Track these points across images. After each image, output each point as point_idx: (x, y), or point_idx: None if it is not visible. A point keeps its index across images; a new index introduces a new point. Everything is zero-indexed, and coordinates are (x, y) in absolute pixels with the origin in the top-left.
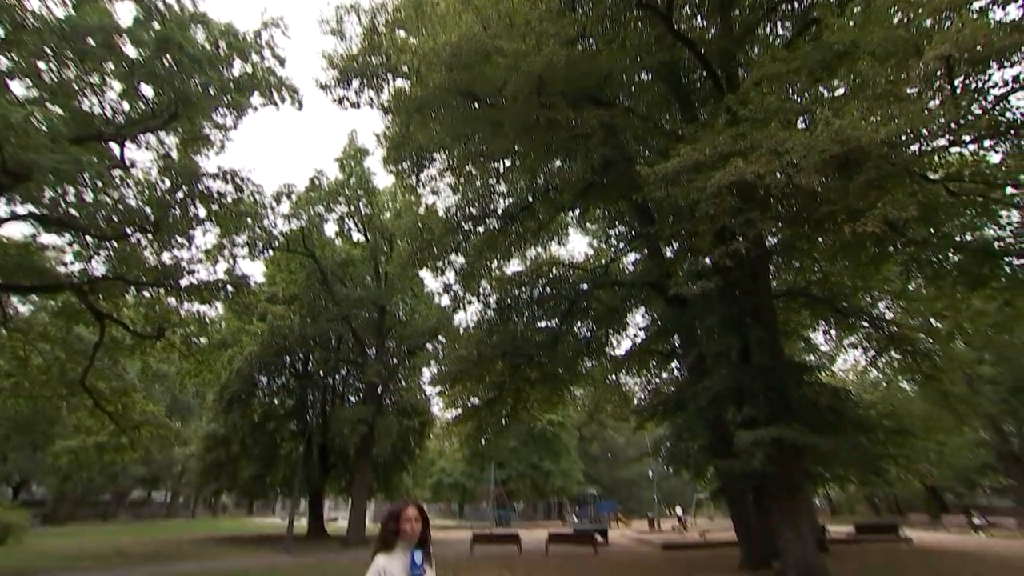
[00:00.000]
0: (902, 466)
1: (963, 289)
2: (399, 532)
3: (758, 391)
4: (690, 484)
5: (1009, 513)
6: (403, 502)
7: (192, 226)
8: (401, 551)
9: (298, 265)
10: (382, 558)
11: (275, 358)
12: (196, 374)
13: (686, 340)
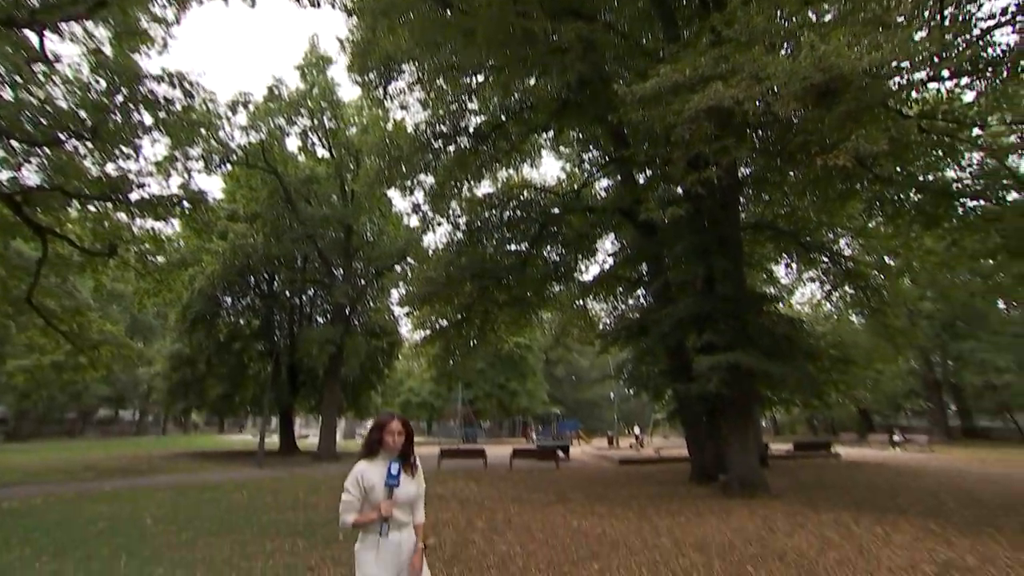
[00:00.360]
0: (842, 391)
1: (918, 228)
2: (382, 442)
3: (719, 319)
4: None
5: (923, 431)
6: (388, 415)
7: (137, 135)
8: (382, 461)
9: (260, 181)
10: (363, 464)
11: (239, 278)
12: (155, 294)
13: (653, 267)
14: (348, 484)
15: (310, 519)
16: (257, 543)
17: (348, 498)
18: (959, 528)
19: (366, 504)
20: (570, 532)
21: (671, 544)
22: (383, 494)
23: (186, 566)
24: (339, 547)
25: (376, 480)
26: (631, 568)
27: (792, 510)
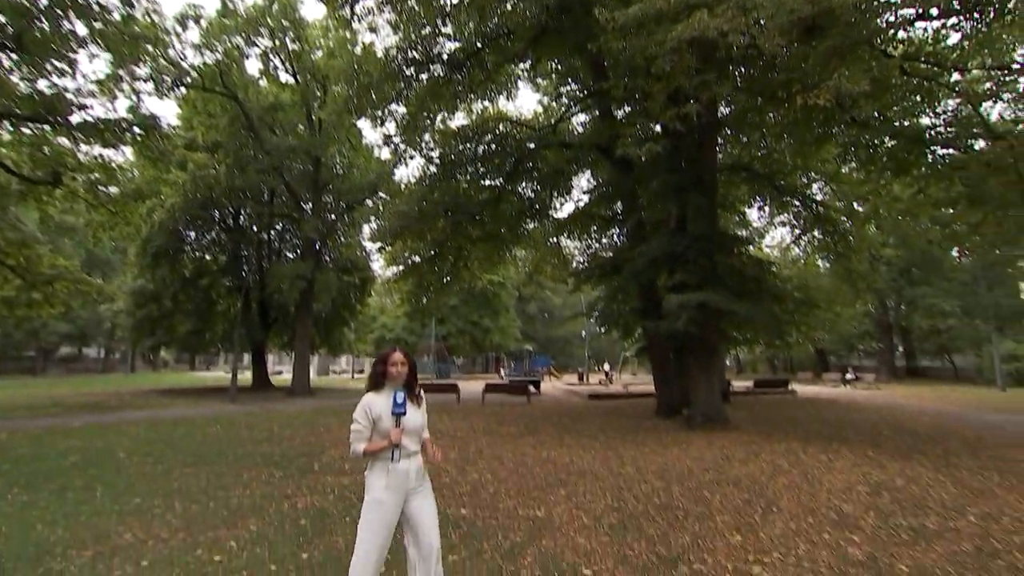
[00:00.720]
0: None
1: (889, 175)
2: (386, 374)
3: (691, 258)
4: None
5: (872, 371)
6: (391, 347)
7: (71, 47)
8: (388, 392)
9: (219, 107)
10: (370, 395)
11: (202, 211)
12: (111, 227)
13: (628, 205)
14: (356, 415)
15: (285, 451)
16: (233, 474)
17: (357, 427)
18: (892, 455)
19: (375, 433)
20: (539, 462)
21: (635, 472)
22: (391, 423)
23: (163, 496)
24: (314, 477)
25: (383, 410)
26: (596, 493)
27: (748, 441)
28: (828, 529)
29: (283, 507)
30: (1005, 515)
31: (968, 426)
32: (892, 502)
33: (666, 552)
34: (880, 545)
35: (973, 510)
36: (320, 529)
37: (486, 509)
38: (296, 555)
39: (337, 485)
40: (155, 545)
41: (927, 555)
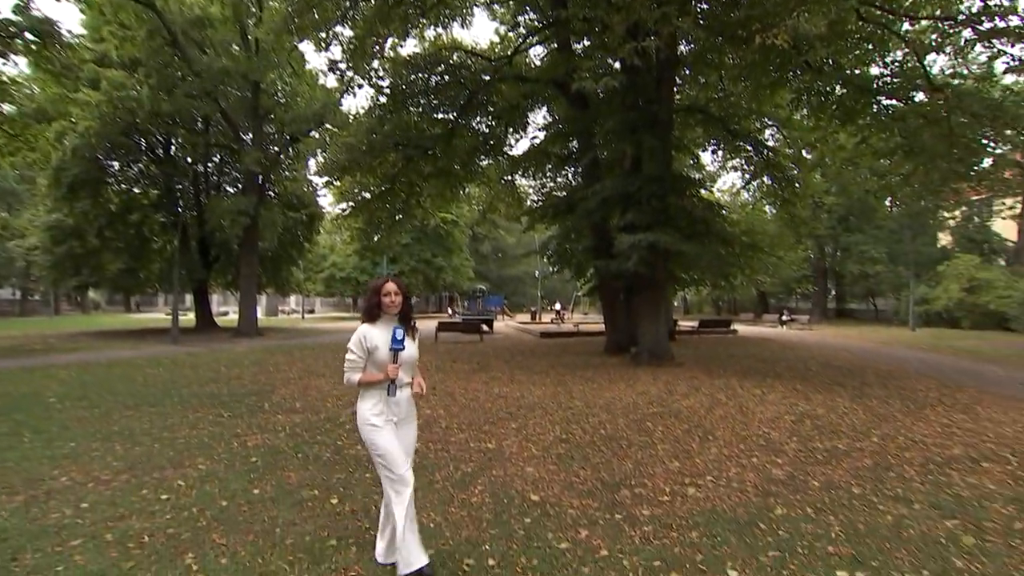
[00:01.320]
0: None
1: (837, 123)
2: (380, 305)
3: (644, 199)
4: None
5: (806, 312)
6: (383, 277)
7: None
8: (384, 324)
9: (134, 18)
10: (366, 326)
11: (124, 138)
12: (11, 152)
13: (584, 144)
14: (352, 345)
15: (233, 391)
16: (179, 415)
17: (352, 357)
18: (816, 387)
19: (369, 364)
20: (491, 397)
21: (583, 406)
22: (388, 357)
23: (102, 439)
24: (264, 416)
25: (379, 341)
26: (545, 426)
27: (691, 376)
28: (756, 454)
29: (232, 446)
30: (900, 435)
31: (881, 361)
32: (812, 428)
33: (609, 478)
34: (799, 465)
35: (877, 432)
36: (272, 465)
37: (438, 443)
38: (247, 491)
39: (288, 423)
40: (95, 487)
41: (836, 471)
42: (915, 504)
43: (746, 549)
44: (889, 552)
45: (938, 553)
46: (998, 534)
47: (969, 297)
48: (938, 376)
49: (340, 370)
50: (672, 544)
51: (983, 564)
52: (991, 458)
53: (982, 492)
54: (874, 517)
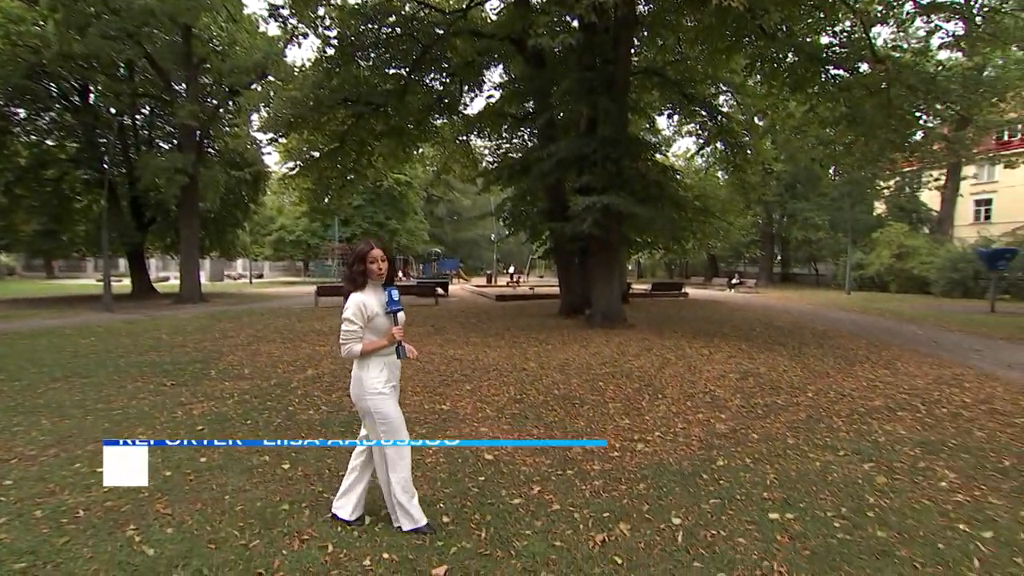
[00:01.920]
0: (699, 239)
1: (787, 90)
2: (367, 272)
3: (598, 161)
4: (526, 245)
5: (753, 276)
6: (367, 243)
7: None
8: (372, 290)
9: None
10: (359, 295)
11: (28, 82)
12: None
13: (540, 105)
14: (350, 315)
15: (176, 359)
16: (115, 385)
17: (351, 328)
18: (759, 347)
19: (367, 332)
20: (445, 360)
21: (537, 367)
22: (389, 321)
23: (27, 413)
24: (211, 384)
25: (376, 308)
26: (499, 387)
27: (643, 338)
28: (702, 410)
29: (176, 415)
30: (832, 390)
31: (818, 322)
32: (755, 385)
33: (562, 436)
34: (741, 420)
35: (811, 388)
36: (220, 433)
37: None
38: (194, 460)
39: (237, 390)
40: (20, 463)
41: (774, 425)
42: (840, 451)
43: (689, 498)
44: (815, 495)
45: (856, 493)
46: (905, 473)
47: (898, 263)
48: (867, 336)
49: (292, 335)
50: (621, 496)
51: (891, 499)
52: (905, 407)
53: (895, 437)
54: (805, 464)
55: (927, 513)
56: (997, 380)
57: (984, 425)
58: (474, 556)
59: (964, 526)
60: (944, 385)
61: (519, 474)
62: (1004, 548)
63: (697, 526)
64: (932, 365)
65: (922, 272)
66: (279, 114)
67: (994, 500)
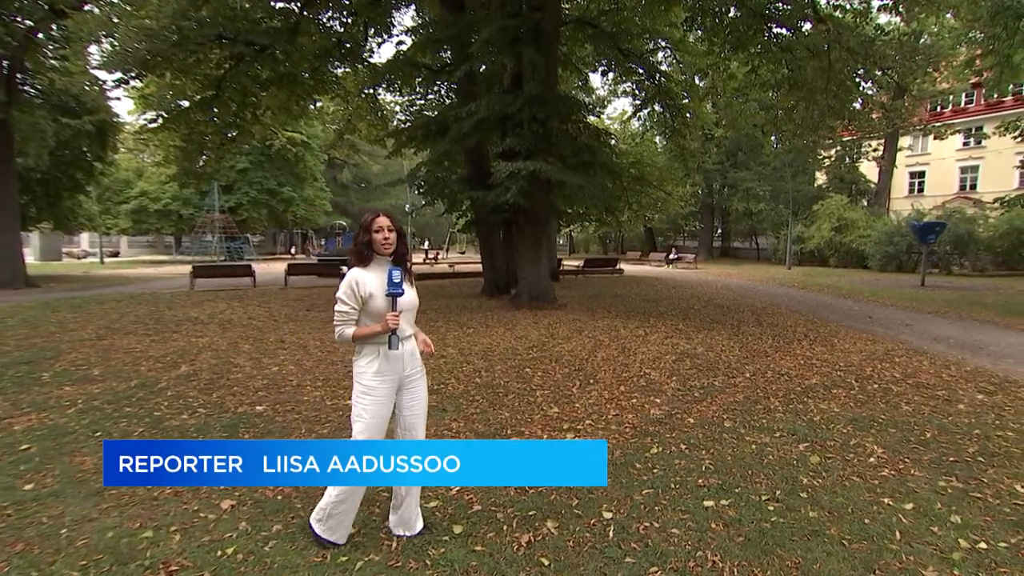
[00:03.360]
0: (635, 211)
1: (729, 49)
2: (372, 244)
3: (524, 121)
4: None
5: (693, 251)
6: (373, 212)
7: None
8: (376, 267)
9: None
10: (357, 271)
11: None
12: None
13: (459, 55)
14: (342, 294)
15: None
16: None
17: (343, 309)
18: (697, 326)
19: (363, 315)
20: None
21: (457, 353)
22: (386, 304)
23: None
24: (43, 390)
25: (374, 288)
26: None
27: (574, 319)
28: (636, 395)
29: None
30: (769, 370)
31: (758, 299)
32: (691, 367)
33: (484, 428)
34: (677, 404)
35: (749, 368)
36: (55, 451)
37: (288, 403)
38: (14, 489)
39: (81, 396)
40: None
41: (710, 408)
42: (776, 432)
43: (621, 489)
44: (751, 479)
45: (790, 474)
46: (837, 451)
47: (837, 236)
48: (806, 312)
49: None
50: (548, 492)
51: (824, 479)
52: (839, 384)
53: (829, 416)
54: (740, 448)
55: (856, 490)
56: (924, 355)
57: (911, 399)
58: (384, 570)
59: (889, 500)
60: (876, 361)
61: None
62: (923, 519)
63: (629, 519)
64: (866, 341)
65: (860, 246)
66: (129, 49)
67: (916, 472)
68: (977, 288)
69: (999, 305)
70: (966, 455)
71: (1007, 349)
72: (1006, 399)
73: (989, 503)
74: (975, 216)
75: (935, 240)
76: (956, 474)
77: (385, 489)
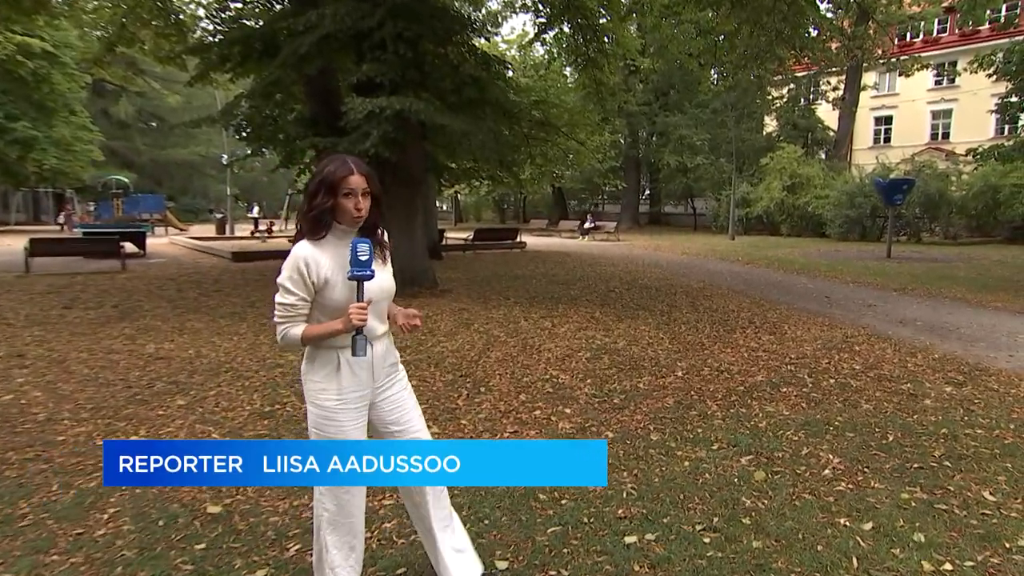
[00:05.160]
0: (539, 166)
1: None
2: (336, 210)
3: (387, 40)
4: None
5: (615, 218)
6: (339, 160)
7: None
8: (335, 242)
9: None
10: (308, 247)
11: None
12: None
13: None
14: (286, 280)
15: None
16: None
17: (290, 301)
18: (618, 314)
19: (317, 309)
20: (141, 361)
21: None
22: (348, 292)
23: None
24: None
25: (333, 271)
26: (236, 396)
27: (460, 308)
28: (541, 405)
29: None
30: (706, 366)
31: (694, 277)
32: (611, 366)
33: None
34: (592, 415)
35: (682, 364)
36: None
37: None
38: None
39: None
40: None
41: (633, 417)
42: (714, 444)
43: (521, 530)
44: (683, 504)
45: (730, 496)
46: (786, 464)
47: (789, 198)
48: (751, 292)
49: None
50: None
51: (770, 499)
52: (790, 381)
53: (777, 420)
54: (671, 465)
55: (808, 510)
56: (888, 341)
57: (871, 396)
58: None
59: (845, 520)
60: (834, 351)
61: (266, 529)
62: (883, 540)
63: (529, 567)
64: (822, 326)
65: (817, 209)
66: None
67: (876, 484)
68: (949, 259)
69: (972, 279)
70: (932, 460)
71: (979, 332)
72: (975, 391)
73: (955, 515)
74: (947, 172)
75: (903, 201)
76: (920, 483)
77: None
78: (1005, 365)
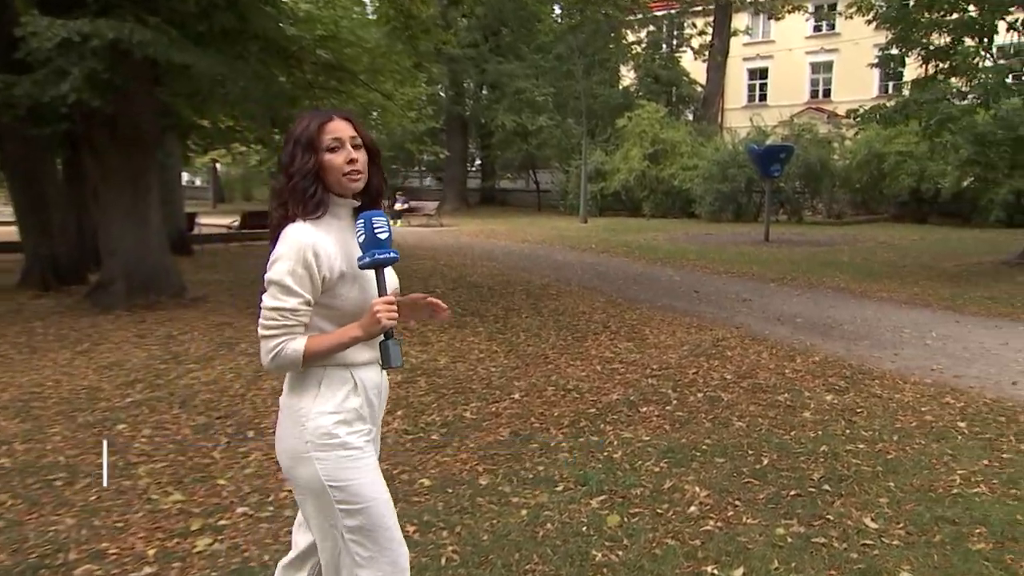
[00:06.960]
0: None
1: None
2: (324, 173)
3: None
4: None
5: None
6: (321, 113)
7: None
8: (335, 220)
9: None
10: (307, 228)
11: None
12: None
13: None
14: (286, 276)
15: None
16: None
17: (290, 305)
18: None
19: (319, 315)
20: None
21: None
22: (358, 287)
23: None
24: None
25: (342, 258)
26: None
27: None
28: None
29: None
30: (551, 385)
31: (537, 271)
32: (429, 391)
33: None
34: (403, 457)
35: (520, 384)
36: None
37: None
38: None
39: None
40: None
41: (458, 456)
42: (558, 484)
43: None
44: (518, 566)
45: (577, 549)
46: (645, 503)
47: (652, 168)
48: (606, 289)
49: None
50: None
51: (626, 549)
52: (651, 398)
53: (635, 449)
54: (504, 517)
55: (671, 559)
56: (764, 343)
57: (744, 411)
58: None
59: (713, 567)
60: (703, 357)
61: None
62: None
63: None
64: (690, 328)
65: (684, 183)
66: None
67: (749, 520)
68: (833, 242)
69: (856, 265)
70: (810, 484)
71: (863, 327)
72: (858, 398)
73: (835, 549)
74: (829, 137)
75: (781, 172)
76: (798, 514)
77: None
78: (890, 366)
